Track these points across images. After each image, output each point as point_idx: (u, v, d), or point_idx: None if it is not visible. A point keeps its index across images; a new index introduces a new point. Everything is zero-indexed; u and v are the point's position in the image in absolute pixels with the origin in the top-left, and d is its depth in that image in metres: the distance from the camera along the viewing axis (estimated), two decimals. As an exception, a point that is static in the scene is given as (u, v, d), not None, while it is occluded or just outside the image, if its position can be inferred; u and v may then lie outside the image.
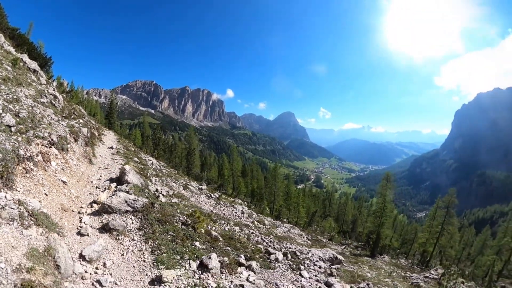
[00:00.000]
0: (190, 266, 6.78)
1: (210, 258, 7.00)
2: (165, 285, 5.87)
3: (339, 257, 19.54)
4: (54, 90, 21.36)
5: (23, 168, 7.37)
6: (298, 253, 16.96)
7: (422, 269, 32.04)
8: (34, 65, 23.16)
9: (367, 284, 17.04)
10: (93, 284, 5.67)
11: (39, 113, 12.01)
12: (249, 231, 17.57)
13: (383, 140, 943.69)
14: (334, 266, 18.09)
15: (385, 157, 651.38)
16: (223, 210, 21.68)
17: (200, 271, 6.78)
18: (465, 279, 27.42)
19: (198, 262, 7.01)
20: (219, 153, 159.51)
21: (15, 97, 11.83)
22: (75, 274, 5.75)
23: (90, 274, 5.93)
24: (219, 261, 7.82)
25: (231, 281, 7.20)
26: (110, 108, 54.20)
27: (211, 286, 6.32)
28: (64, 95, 26.27)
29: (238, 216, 22.06)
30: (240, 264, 9.42)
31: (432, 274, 24.07)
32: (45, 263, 4.99)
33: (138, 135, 52.30)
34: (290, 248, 17.44)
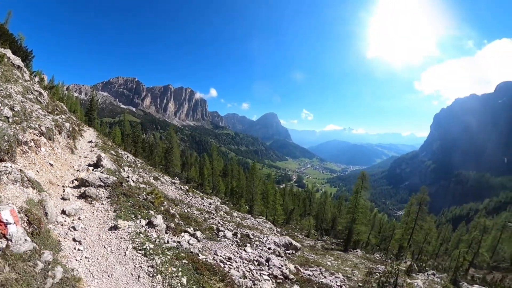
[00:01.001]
0: (140, 222, 9.42)
1: (155, 217, 9.75)
2: (119, 230, 8.49)
3: (296, 244, 21.35)
4: (38, 87, 23.34)
5: (21, 149, 9.87)
6: (251, 236, 18.47)
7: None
8: (18, 61, 24.85)
9: (319, 268, 18.56)
10: (69, 229, 8.22)
11: (28, 108, 14.30)
12: (209, 216, 19.57)
13: (364, 141, 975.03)
14: (289, 251, 19.95)
15: (366, 158, 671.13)
16: (190, 199, 23.71)
17: (147, 226, 9.42)
18: (438, 271, 30.49)
19: (148, 220, 9.71)
20: (201, 153, 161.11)
21: (8, 93, 14.08)
22: (57, 222, 8.33)
23: (68, 223, 8.51)
24: (165, 223, 10.53)
25: (171, 238, 9.95)
26: (90, 105, 54.06)
27: (153, 236, 8.94)
28: (47, 92, 28.11)
29: (204, 205, 24.06)
30: (186, 231, 12.12)
31: (400, 266, 26.12)
32: (38, 209, 7.54)
33: (118, 133, 52.44)
34: (246, 232, 19.12)
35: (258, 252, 15.11)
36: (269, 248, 17.28)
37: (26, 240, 5.28)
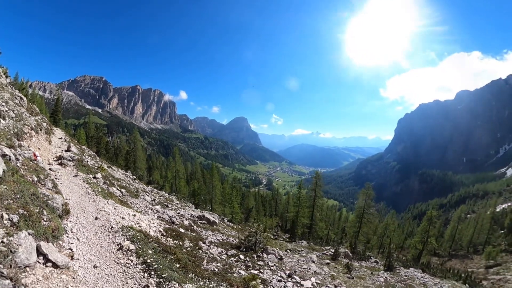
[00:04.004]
0: (89, 175, 17.98)
1: (98, 174, 17.93)
2: (78, 176, 16.97)
3: (210, 217, 25.61)
4: (18, 92, 29.66)
5: (23, 137, 17.43)
6: (169, 205, 24.97)
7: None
8: (-4, 66, 30.41)
9: (219, 234, 21.30)
10: (53, 175, 16.08)
11: (19, 110, 21.54)
12: (143, 192, 26.70)
13: (331, 145, 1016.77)
14: (201, 221, 24.05)
15: (333, 160, 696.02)
16: (134, 183, 30.67)
17: (93, 178, 17.92)
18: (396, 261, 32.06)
19: (94, 175, 17.96)
20: (169, 157, 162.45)
21: (5, 100, 21.23)
22: (47, 171, 16.16)
23: (53, 173, 16.44)
24: (103, 180, 18.61)
25: (105, 186, 18.01)
26: (55, 106, 54.03)
27: (94, 181, 17.21)
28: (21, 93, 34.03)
29: (144, 188, 30.76)
30: (116, 187, 20.04)
31: (329, 251, 28.84)
32: (37, 163, 15.37)
33: (82, 135, 52.86)
34: (166, 203, 25.77)
35: (163, 209, 20.92)
36: (179, 213, 22.70)
37: (42, 162, 13.32)
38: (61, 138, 30.28)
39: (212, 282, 8.81)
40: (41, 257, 6.63)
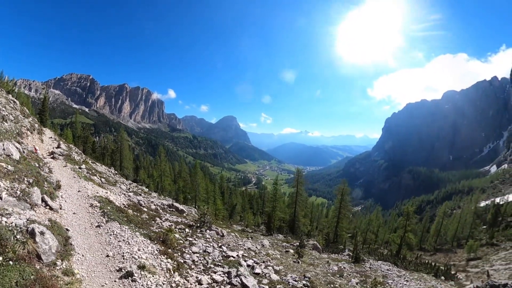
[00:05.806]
0: (76, 166, 22.86)
1: (83, 165, 23.08)
2: (67, 167, 21.96)
3: (178, 206, 28.87)
4: (11, 97, 33.90)
5: (22, 136, 22.36)
6: (143, 194, 29.47)
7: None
8: (-12, 72, 34.68)
9: (181, 218, 22.14)
10: (48, 165, 21.16)
11: (15, 113, 26.29)
12: (121, 183, 31.29)
13: (319, 143, 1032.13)
14: (170, 209, 26.96)
15: (322, 159, 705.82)
16: (115, 177, 35.14)
17: (78, 168, 22.87)
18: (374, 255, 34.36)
19: (79, 166, 23.09)
20: (156, 157, 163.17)
21: (4, 105, 25.97)
22: (44, 161, 21.20)
23: (47, 164, 21.40)
24: (87, 170, 23.70)
25: (89, 174, 23.12)
26: (43, 106, 52.15)
27: (79, 170, 22.26)
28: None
29: (123, 181, 35.28)
30: (97, 176, 25.15)
31: (296, 243, 29.89)
32: (37, 155, 20.45)
33: (69, 135, 54.08)
34: (140, 192, 30.37)
35: (135, 196, 24.74)
36: (149, 200, 26.29)
37: (40, 155, 18.40)
38: (51, 137, 34.83)
39: (144, 230, 13.92)
40: (43, 203, 11.81)
